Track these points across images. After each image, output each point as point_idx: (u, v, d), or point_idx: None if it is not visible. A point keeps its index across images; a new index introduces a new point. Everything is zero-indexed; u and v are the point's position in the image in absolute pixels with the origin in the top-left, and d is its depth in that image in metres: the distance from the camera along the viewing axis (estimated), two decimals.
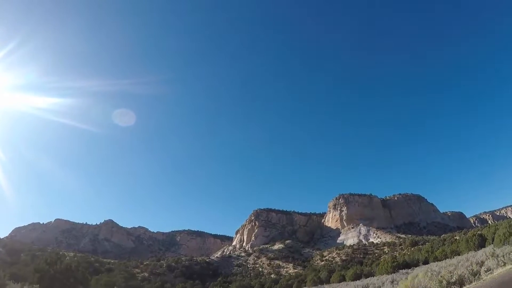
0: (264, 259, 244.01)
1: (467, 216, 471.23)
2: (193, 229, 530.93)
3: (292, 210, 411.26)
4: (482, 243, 60.74)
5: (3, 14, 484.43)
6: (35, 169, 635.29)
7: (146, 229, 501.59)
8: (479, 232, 79.15)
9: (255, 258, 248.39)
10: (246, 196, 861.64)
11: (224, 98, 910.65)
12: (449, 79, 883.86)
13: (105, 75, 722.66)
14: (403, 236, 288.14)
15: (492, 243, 55.06)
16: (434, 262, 62.15)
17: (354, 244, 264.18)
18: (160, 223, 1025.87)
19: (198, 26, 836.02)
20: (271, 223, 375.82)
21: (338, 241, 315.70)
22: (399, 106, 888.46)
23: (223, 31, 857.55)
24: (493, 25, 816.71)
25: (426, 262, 67.60)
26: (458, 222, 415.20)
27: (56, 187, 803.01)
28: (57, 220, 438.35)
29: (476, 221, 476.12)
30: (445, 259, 61.55)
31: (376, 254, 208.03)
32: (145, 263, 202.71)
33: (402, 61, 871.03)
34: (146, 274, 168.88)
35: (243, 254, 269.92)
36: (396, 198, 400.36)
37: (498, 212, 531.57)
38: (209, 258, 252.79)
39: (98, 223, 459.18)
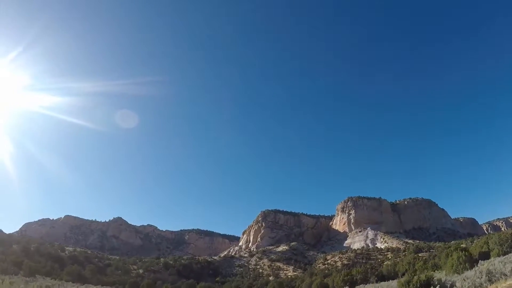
0: (265, 260, 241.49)
1: (480, 222, 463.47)
2: (202, 229, 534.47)
3: (301, 212, 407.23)
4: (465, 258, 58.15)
5: (13, 16, 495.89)
6: (46, 167, 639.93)
7: (155, 228, 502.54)
8: (463, 245, 75.82)
9: (257, 260, 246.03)
10: (256, 197, 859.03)
11: (227, 100, 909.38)
12: (460, 81, 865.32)
13: (110, 75, 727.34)
14: (410, 241, 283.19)
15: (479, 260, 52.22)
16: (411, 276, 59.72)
17: (357, 249, 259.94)
18: (169, 222, 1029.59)
19: (200, 28, 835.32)
20: (278, 225, 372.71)
21: (344, 245, 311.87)
22: (411, 108, 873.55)
23: (225, 34, 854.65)
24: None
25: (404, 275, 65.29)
26: (470, 228, 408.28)
27: (67, 184, 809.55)
28: (66, 216, 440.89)
29: (489, 228, 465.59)
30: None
31: (379, 260, 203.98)
32: (144, 260, 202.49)
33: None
34: (141, 271, 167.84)
35: (245, 255, 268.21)
36: (406, 203, 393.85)
37: None
38: (211, 257, 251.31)
39: (107, 220, 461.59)
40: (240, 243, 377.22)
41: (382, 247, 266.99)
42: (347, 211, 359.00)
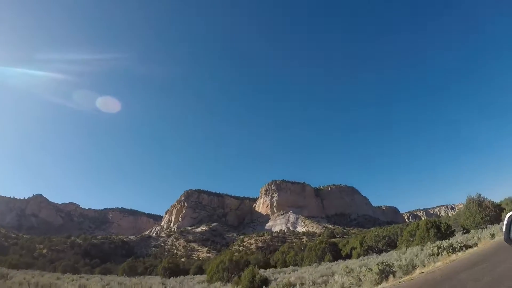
0: (182, 241, 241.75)
1: (402, 211, 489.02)
2: (126, 208, 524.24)
3: (225, 193, 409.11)
4: (329, 254, 60.44)
5: None
6: None
7: (77, 206, 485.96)
8: (331, 240, 78.05)
9: (174, 240, 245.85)
10: (183, 176, 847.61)
11: (152, 87, 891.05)
12: (391, 79, 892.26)
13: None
14: (330, 226, 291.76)
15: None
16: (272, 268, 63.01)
17: (274, 232, 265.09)
18: (92, 200, 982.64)
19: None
20: (201, 205, 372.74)
21: (266, 227, 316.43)
22: (339, 98, 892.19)
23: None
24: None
25: (274, 266, 69.21)
26: (392, 216, 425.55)
27: None
28: None
29: (410, 217, 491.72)
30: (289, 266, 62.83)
31: (294, 244, 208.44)
32: (53, 239, 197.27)
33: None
34: (45, 250, 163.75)
35: (163, 235, 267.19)
36: (329, 189, 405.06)
37: (432, 210, 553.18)
38: (127, 237, 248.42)
39: (26, 197, 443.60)
40: (162, 223, 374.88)
41: (303, 230, 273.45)
42: (270, 194, 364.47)
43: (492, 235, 34.45)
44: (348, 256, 60.69)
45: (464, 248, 29.18)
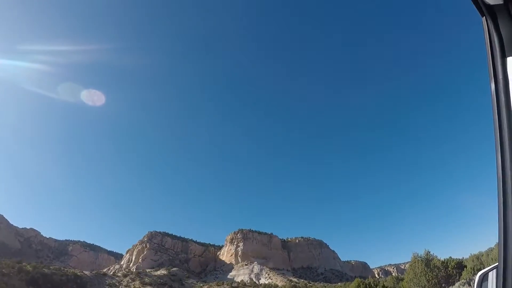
0: (137, 282, 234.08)
1: (372, 266, 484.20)
2: (88, 242, 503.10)
3: (190, 238, 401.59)
4: None
5: None
6: None
7: (38, 233, 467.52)
8: None
9: (130, 281, 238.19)
10: (148, 215, 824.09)
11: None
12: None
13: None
14: (295, 280, 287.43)
15: None
16: None
17: (234, 282, 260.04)
18: (54, 228, 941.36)
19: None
20: (164, 248, 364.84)
21: (228, 277, 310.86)
22: (311, 154, 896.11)
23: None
24: None
25: None
26: (361, 272, 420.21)
27: None
28: None
29: (380, 272, 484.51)
30: None
31: None
32: (2, 262, 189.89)
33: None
34: None
35: (119, 274, 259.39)
36: (297, 241, 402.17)
37: (403, 265, 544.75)
38: (82, 272, 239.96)
39: None
40: (122, 262, 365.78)
41: (265, 282, 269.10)
42: (235, 243, 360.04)
43: None
44: None
45: None
